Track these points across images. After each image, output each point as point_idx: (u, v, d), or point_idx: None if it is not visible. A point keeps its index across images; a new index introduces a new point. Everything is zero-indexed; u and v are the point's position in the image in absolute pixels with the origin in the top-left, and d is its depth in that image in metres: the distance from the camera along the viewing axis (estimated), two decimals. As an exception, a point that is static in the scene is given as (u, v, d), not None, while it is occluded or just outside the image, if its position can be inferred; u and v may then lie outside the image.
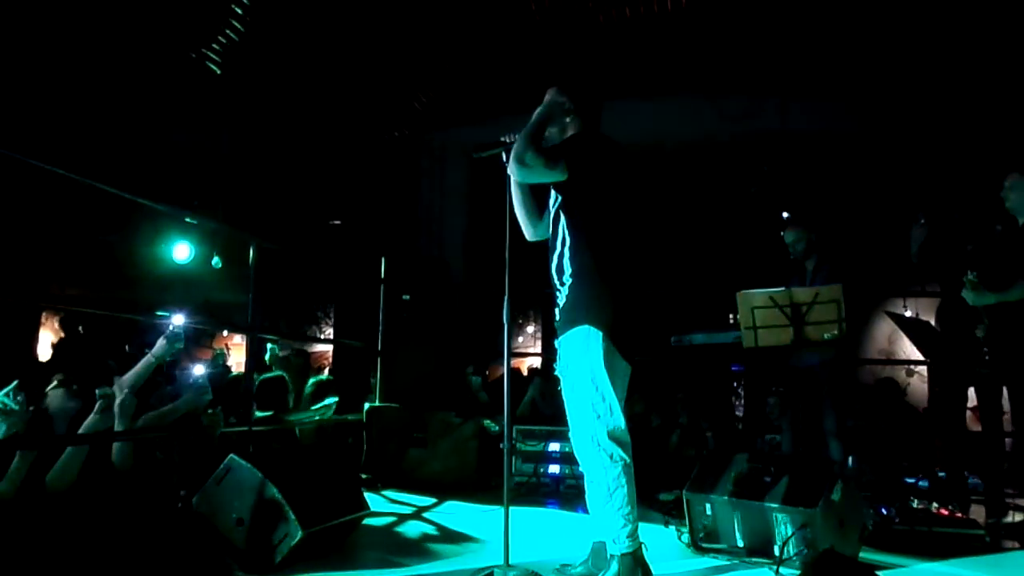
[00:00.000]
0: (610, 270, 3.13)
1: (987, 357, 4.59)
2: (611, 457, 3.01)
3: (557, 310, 3.21)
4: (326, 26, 7.21)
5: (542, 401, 7.14)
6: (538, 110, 3.23)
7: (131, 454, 3.77)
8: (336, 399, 5.96)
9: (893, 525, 4.08)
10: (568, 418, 3.18)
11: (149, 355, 3.93)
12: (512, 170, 3.14)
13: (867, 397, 7.22)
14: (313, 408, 5.83)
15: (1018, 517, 4.54)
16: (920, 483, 4.24)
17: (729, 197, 9.53)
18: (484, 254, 9.34)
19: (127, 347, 6.95)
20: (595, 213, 3.16)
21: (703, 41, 7.61)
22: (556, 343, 3.20)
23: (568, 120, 3.31)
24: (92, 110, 8.53)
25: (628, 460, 3.03)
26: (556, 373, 3.22)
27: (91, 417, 3.62)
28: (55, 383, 3.81)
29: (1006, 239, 4.66)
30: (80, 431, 3.60)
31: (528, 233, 3.41)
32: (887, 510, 4.21)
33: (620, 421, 3.05)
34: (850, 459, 5.17)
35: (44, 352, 9.86)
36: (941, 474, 5.35)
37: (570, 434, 3.19)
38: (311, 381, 6.14)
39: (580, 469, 3.21)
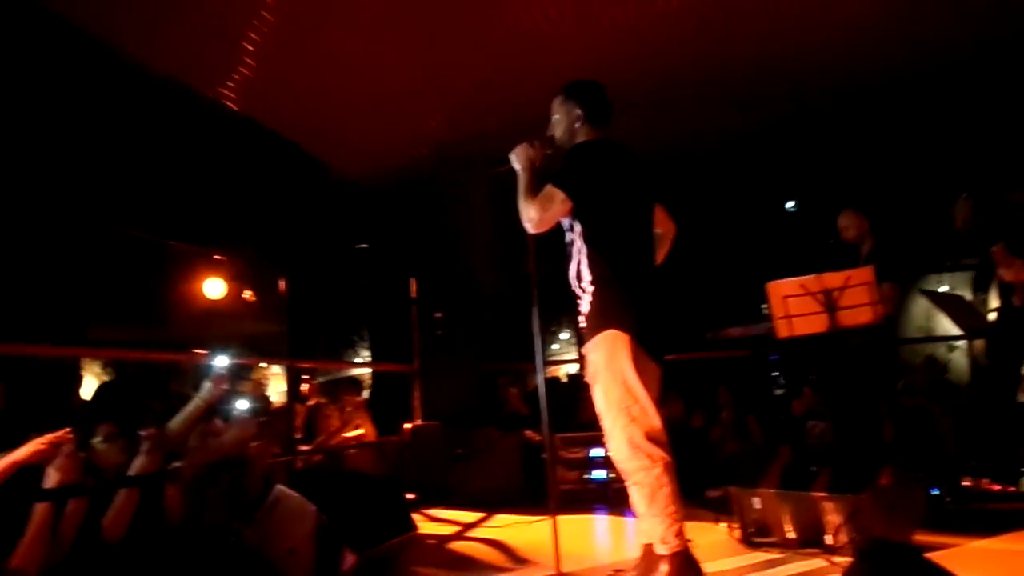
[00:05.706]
0: (629, 273, 3.13)
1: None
2: (651, 457, 2.97)
3: (581, 317, 3.20)
4: (341, 59, 7.28)
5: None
6: (517, 168, 3.28)
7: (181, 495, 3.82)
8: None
9: (944, 505, 4.03)
10: (603, 424, 3.12)
11: (196, 398, 3.98)
12: (528, 230, 3.22)
13: (909, 376, 7.11)
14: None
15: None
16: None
17: (749, 188, 9.46)
18: (511, 264, 9.35)
19: (169, 387, 7.01)
20: (607, 220, 3.18)
21: (712, 34, 7.56)
22: (584, 350, 3.19)
23: (578, 126, 3.33)
24: (117, 147, 8.70)
25: (668, 458, 2.99)
26: (586, 379, 3.20)
27: (138, 459, 3.68)
28: (101, 437, 3.85)
29: None
30: (129, 473, 3.66)
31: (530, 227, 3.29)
32: (937, 490, 4.16)
33: (656, 420, 3.02)
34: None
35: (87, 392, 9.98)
36: None
37: (606, 440, 3.12)
38: None
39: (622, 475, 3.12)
